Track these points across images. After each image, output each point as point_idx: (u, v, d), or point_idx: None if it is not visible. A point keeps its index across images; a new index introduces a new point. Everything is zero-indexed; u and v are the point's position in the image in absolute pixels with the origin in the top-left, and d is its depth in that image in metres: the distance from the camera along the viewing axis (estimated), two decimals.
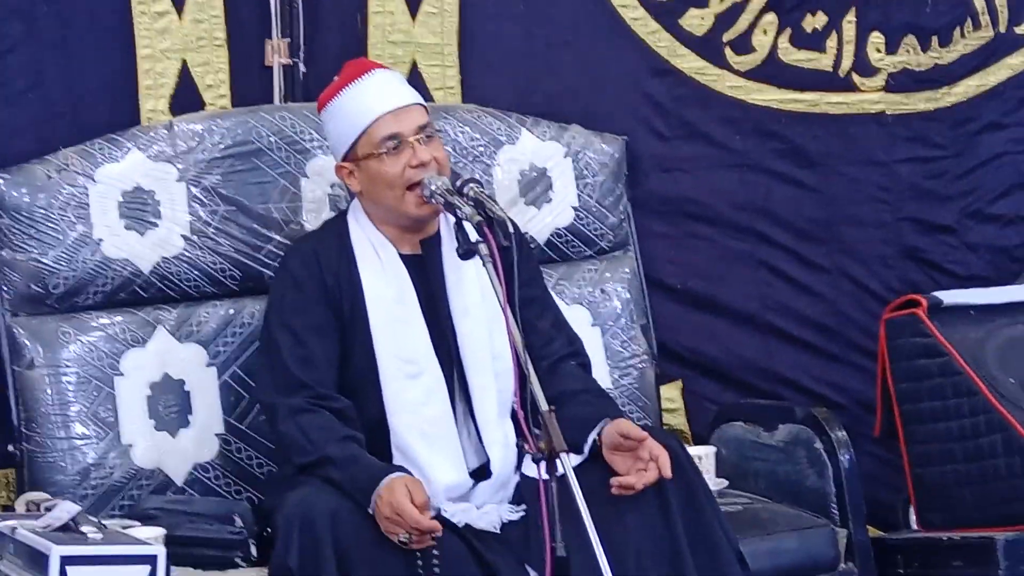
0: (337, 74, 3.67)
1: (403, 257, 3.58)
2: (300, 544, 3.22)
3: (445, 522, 3.37)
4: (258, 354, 3.64)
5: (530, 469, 3.42)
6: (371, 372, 3.50)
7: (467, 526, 3.40)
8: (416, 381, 3.50)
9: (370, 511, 3.27)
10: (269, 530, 3.47)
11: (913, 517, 4.15)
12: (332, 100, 3.60)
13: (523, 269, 3.26)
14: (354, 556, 3.22)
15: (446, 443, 3.48)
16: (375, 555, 3.24)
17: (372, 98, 3.55)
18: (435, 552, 3.25)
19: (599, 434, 3.40)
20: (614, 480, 3.31)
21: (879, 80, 4.49)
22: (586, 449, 3.40)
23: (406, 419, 3.47)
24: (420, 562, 3.26)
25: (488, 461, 3.51)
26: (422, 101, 3.63)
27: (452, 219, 3.46)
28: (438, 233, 3.60)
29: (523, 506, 3.45)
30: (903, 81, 4.50)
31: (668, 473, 3.30)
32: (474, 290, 3.54)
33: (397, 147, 3.52)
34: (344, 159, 3.58)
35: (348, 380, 3.51)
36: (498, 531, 3.41)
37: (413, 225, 3.57)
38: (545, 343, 3.56)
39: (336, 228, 3.63)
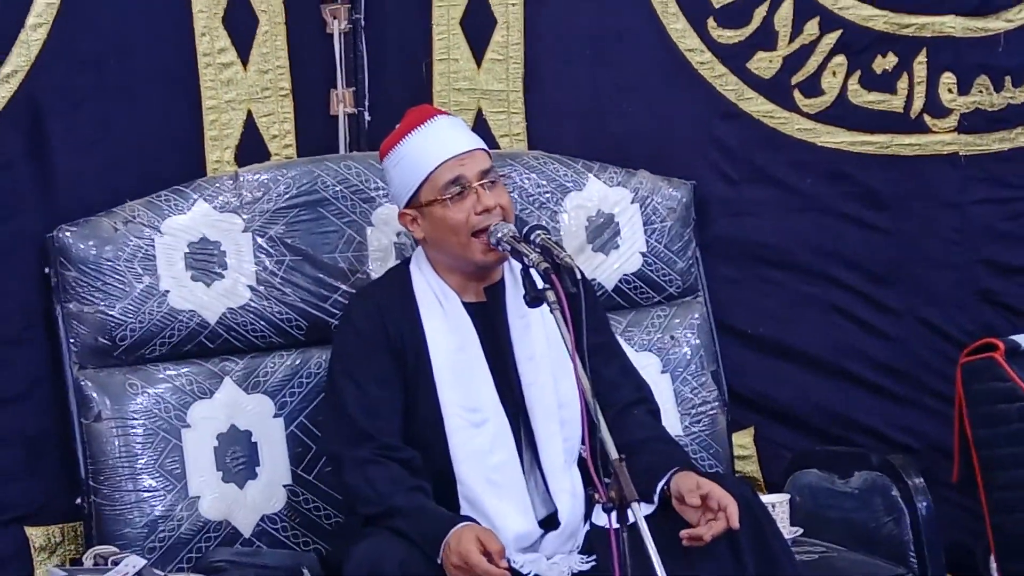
0: (396, 123, 3.66)
1: (466, 305, 3.55)
2: None
3: (515, 573, 3.33)
4: (323, 405, 3.62)
5: (600, 518, 3.38)
6: (436, 421, 3.47)
7: None
8: (481, 429, 3.47)
9: (438, 561, 3.23)
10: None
11: (994, 565, 4.08)
12: (395, 148, 3.58)
13: (589, 316, 3.22)
14: None
15: (513, 492, 3.44)
16: None
17: (435, 144, 3.53)
18: None
19: (667, 483, 3.34)
20: (683, 532, 3.26)
21: (951, 121, 4.43)
22: (655, 499, 3.34)
23: (472, 468, 3.44)
24: None
25: (556, 510, 3.46)
26: (485, 147, 3.61)
27: (518, 266, 3.44)
28: (502, 280, 3.58)
29: (593, 556, 3.40)
30: (976, 121, 4.44)
31: (736, 524, 3.24)
32: (539, 337, 3.51)
33: (461, 193, 3.50)
34: (407, 206, 3.56)
35: (413, 430, 3.49)
36: None
37: (477, 272, 3.55)
38: (612, 390, 3.52)
39: (399, 277, 3.62)
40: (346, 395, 3.47)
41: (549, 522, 3.47)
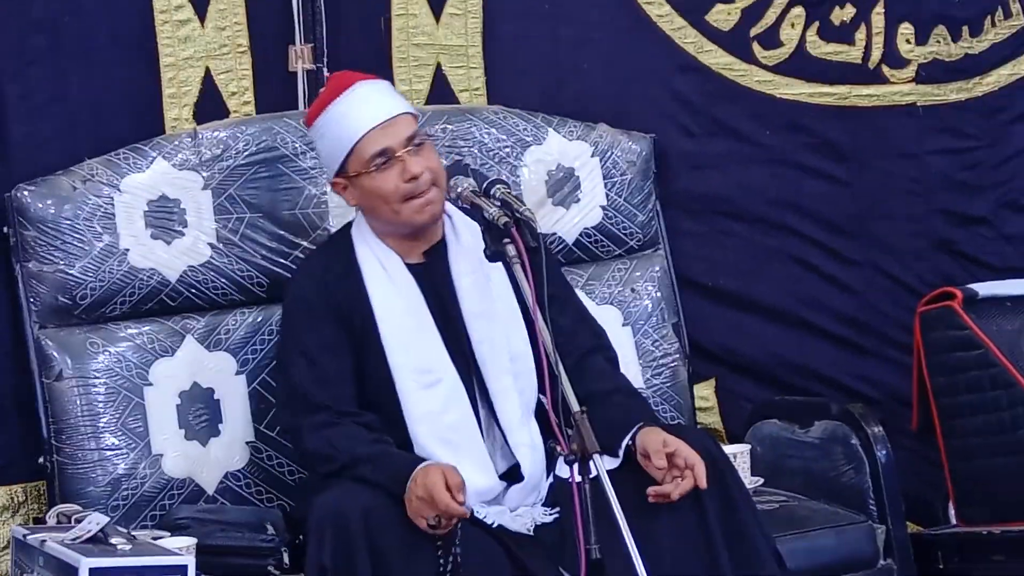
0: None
1: (410, 266, 3.54)
2: (333, 543, 3.19)
3: (479, 524, 3.34)
4: (276, 378, 3.60)
5: (563, 471, 3.40)
6: (387, 385, 3.46)
7: (500, 528, 3.37)
8: (433, 390, 3.46)
9: (405, 498, 3.23)
10: (301, 537, 3.45)
11: (952, 512, 4.11)
12: (318, 118, 3.54)
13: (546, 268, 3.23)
14: (388, 553, 3.20)
15: (470, 450, 3.44)
16: (409, 552, 3.22)
17: (357, 114, 3.49)
18: (462, 549, 3.24)
19: (631, 439, 3.35)
20: (651, 490, 3.27)
21: (909, 71, 4.44)
22: (620, 454, 3.35)
23: (427, 429, 3.43)
24: (452, 560, 3.23)
25: (518, 464, 3.47)
26: (410, 109, 3.57)
27: (460, 223, 3.47)
28: (443, 239, 3.57)
29: (557, 508, 3.41)
30: (934, 72, 4.45)
31: (703, 484, 3.26)
32: (486, 293, 3.51)
33: (387, 162, 3.46)
34: (337, 175, 3.54)
35: (366, 395, 3.48)
36: (531, 533, 3.38)
37: (415, 233, 3.54)
38: (569, 339, 3.51)
39: (341, 243, 3.59)
40: (297, 368, 3.46)
41: (512, 475, 3.48)
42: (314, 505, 3.29)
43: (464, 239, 3.54)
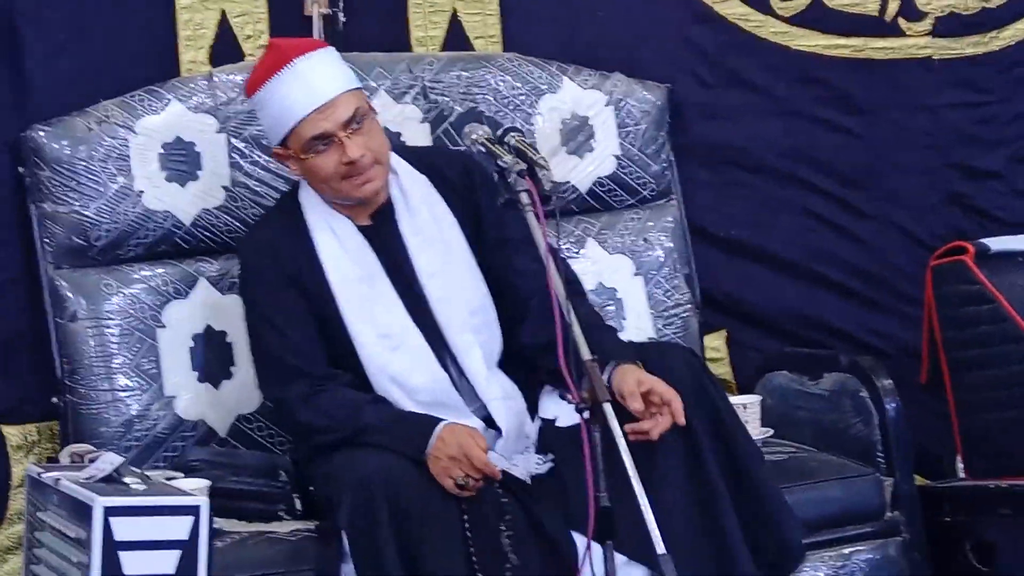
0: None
1: (360, 229, 3.49)
2: (352, 506, 3.16)
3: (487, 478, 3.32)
4: (252, 352, 3.54)
5: (548, 412, 3.41)
6: (350, 350, 3.43)
7: (505, 477, 3.31)
8: (398, 354, 3.42)
9: (425, 455, 3.22)
10: (312, 488, 3.43)
11: (960, 465, 4.11)
12: (257, 92, 3.48)
13: (497, 212, 3.21)
14: (412, 514, 3.17)
15: (445, 409, 3.38)
16: (433, 512, 3.20)
17: (297, 93, 3.41)
18: (483, 507, 3.23)
19: (609, 380, 3.26)
20: (628, 427, 3.18)
21: (926, 24, 4.43)
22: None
23: (398, 392, 3.40)
24: (477, 518, 3.23)
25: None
26: (352, 84, 3.48)
27: (408, 184, 3.46)
28: (389, 201, 3.52)
29: (550, 456, 3.38)
30: (950, 25, 4.44)
31: (681, 420, 3.21)
32: (439, 250, 3.48)
33: (327, 144, 3.41)
34: (279, 145, 3.49)
35: (331, 359, 3.45)
36: (529, 481, 3.34)
37: (360, 203, 3.50)
38: (528, 279, 3.43)
39: (290, 209, 3.53)
40: (268, 339, 3.44)
41: (494, 425, 3.43)
42: (328, 471, 3.27)
43: (412, 197, 3.50)
